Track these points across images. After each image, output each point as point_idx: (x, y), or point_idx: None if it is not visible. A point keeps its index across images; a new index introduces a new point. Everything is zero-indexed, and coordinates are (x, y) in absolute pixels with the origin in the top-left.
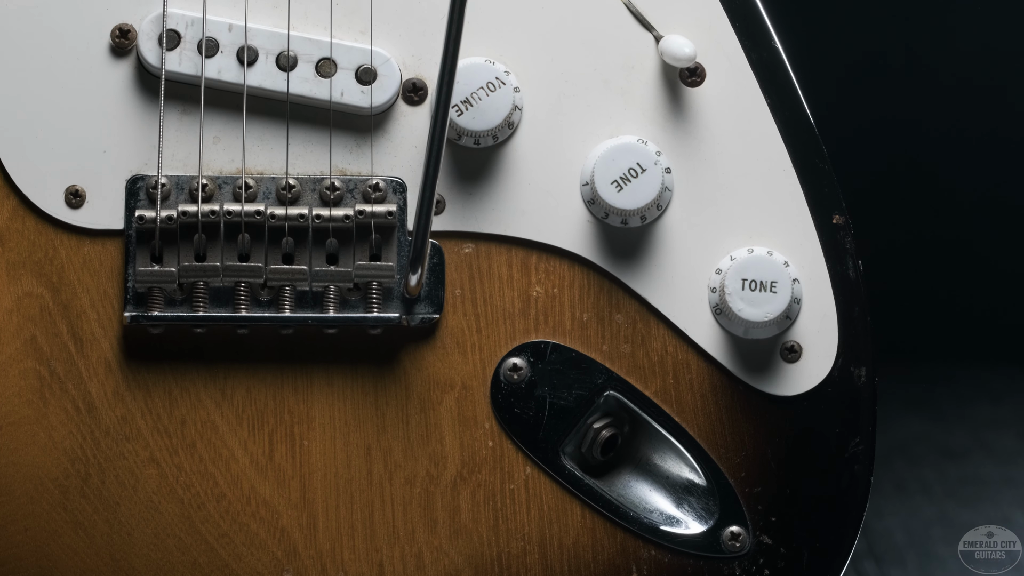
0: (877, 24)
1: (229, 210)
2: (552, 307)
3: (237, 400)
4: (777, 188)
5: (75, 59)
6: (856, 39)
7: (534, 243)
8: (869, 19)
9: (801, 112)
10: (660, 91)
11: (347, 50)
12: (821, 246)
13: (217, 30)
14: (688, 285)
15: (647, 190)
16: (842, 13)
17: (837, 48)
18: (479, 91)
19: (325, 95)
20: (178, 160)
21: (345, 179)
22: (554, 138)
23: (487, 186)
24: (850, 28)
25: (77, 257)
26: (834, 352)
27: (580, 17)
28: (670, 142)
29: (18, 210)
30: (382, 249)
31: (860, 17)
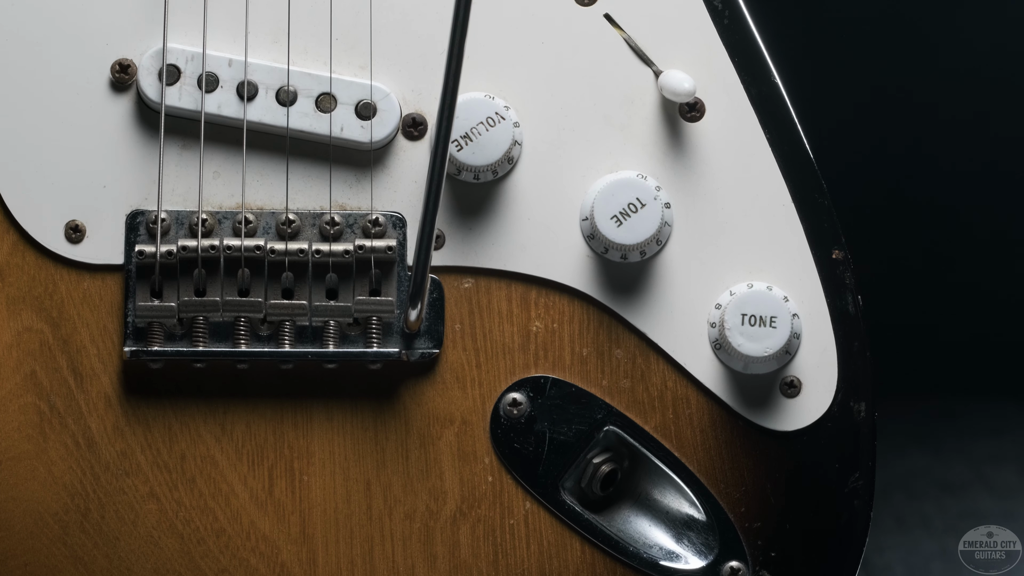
0: (876, 58)
1: (229, 245)
2: (552, 342)
3: (237, 435)
4: (777, 223)
5: (75, 94)
6: (854, 73)
7: (534, 278)
8: (867, 53)
9: (800, 147)
10: (660, 126)
11: (347, 85)
12: (821, 281)
13: (217, 65)
14: (688, 320)
15: (647, 225)
16: (841, 47)
17: (836, 82)
18: (479, 126)
19: (325, 130)
20: (178, 195)
21: (345, 214)
22: (554, 173)
23: (487, 221)
24: (848, 63)
25: (77, 292)
26: (834, 387)
27: (580, 52)
28: (670, 177)
29: (18, 245)
30: (382, 284)
31: (859, 52)
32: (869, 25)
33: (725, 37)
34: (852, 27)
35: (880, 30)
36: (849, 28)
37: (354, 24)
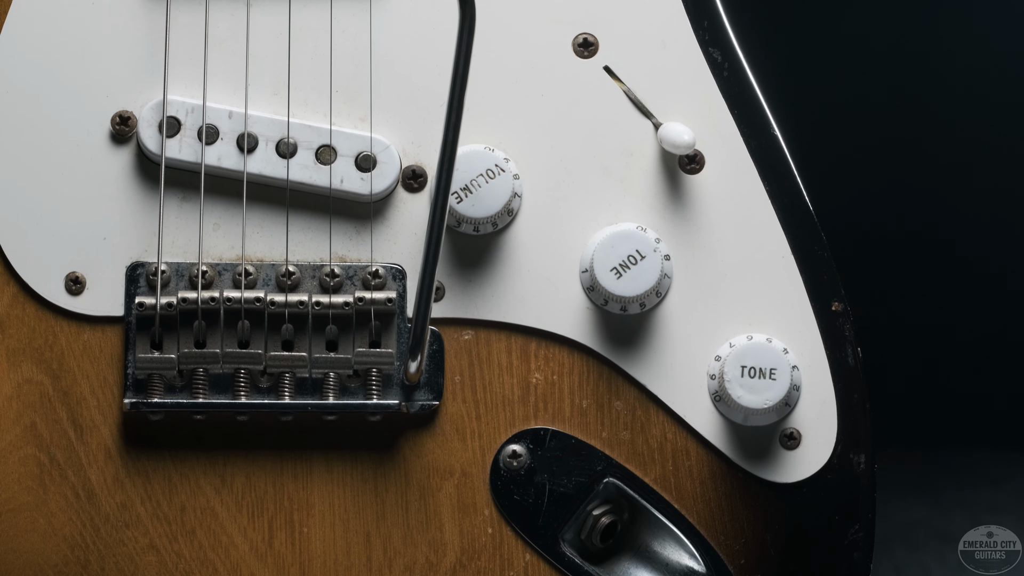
0: (873, 103)
1: (229, 297)
2: (552, 394)
3: (237, 487)
4: (776, 275)
5: (75, 146)
6: (851, 118)
7: (534, 330)
8: (864, 97)
9: (800, 199)
10: (659, 178)
11: (347, 137)
12: (820, 333)
13: (217, 117)
14: (687, 372)
15: (646, 277)
16: (837, 91)
17: (833, 124)
18: (479, 178)
19: (325, 182)
20: (178, 247)
21: (345, 266)
22: (553, 225)
23: (487, 273)
24: (844, 106)
25: (77, 343)
26: (833, 439)
27: (579, 104)
28: (669, 229)
29: (18, 296)
30: (382, 336)
31: (855, 96)
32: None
33: (724, 89)
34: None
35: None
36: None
37: (354, 76)
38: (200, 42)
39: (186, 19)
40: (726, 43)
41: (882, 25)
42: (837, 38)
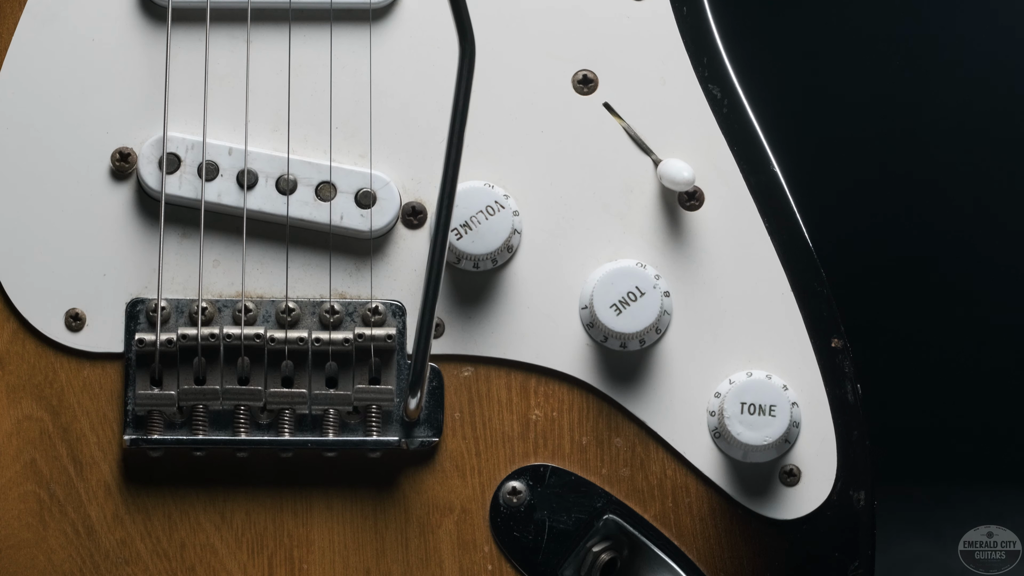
0: (874, 138)
1: (229, 333)
2: (551, 430)
3: (236, 523)
4: (776, 312)
5: (75, 182)
6: (852, 152)
7: (533, 366)
8: (865, 132)
9: (799, 235)
10: (659, 215)
11: (347, 174)
12: (820, 370)
13: (217, 154)
14: (687, 408)
15: (646, 314)
16: (837, 126)
17: (833, 159)
18: (478, 215)
19: (325, 219)
20: (178, 283)
21: (345, 302)
22: (553, 261)
23: (486, 309)
24: (845, 141)
25: (77, 380)
26: (833, 475)
27: (579, 141)
28: (669, 266)
29: (18, 333)
30: (381, 372)
31: (855, 130)
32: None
33: (724, 126)
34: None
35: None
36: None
37: (354, 113)
38: (200, 78)
39: (186, 56)
40: (725, 80)
41: (884, 62)
42: (836, 74)
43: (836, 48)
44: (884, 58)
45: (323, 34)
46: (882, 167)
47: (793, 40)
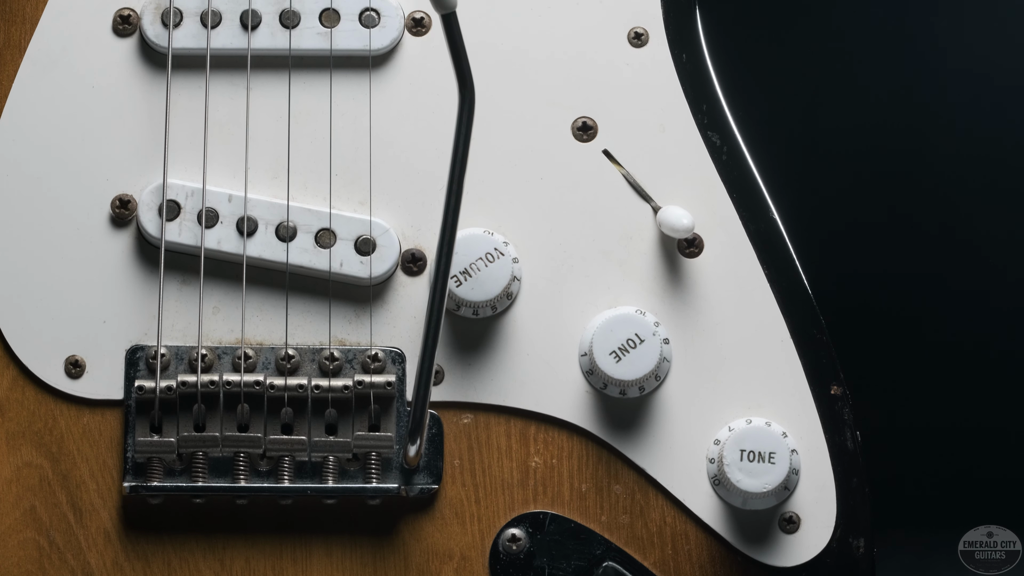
0: (873, 183)
1: (228, 380)
2: (551, 477)
3: (236, 570)
4: (775, 359)
5: (75, 229)
6: (851, 197)
7: (533, 413)
8: (864, 177)
9: (799, 283)
10: (658, 261)
11: (346, 221)
12: (819, 417)
13: (217, 200)
14: (686, 456)
15: (646, 361)
16: (837, 172)
17: (833, 205)
18: (478, 262)
19: (324, 266)
20: (178, 330)
21: (344, 349)
22: (553, 308)
23: (486, 356)
24: (845, 186)
25: (77, 427)
26: (832, 523)
27: (579, 188)
28: (668, 313)
29: (18, 380)
30: (381, 419)
31: (855, 176)
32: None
33: (723, 173)
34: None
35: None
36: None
37: (353, 160)
38: (200, 125)
39: (186, 103)
40: (725, 127)
41: (884, 109)
42: (836, 121)
43: (836, 94)
44: (884, 104)
45: (323, 81)
46: (883, 212)
47: (793, 87)
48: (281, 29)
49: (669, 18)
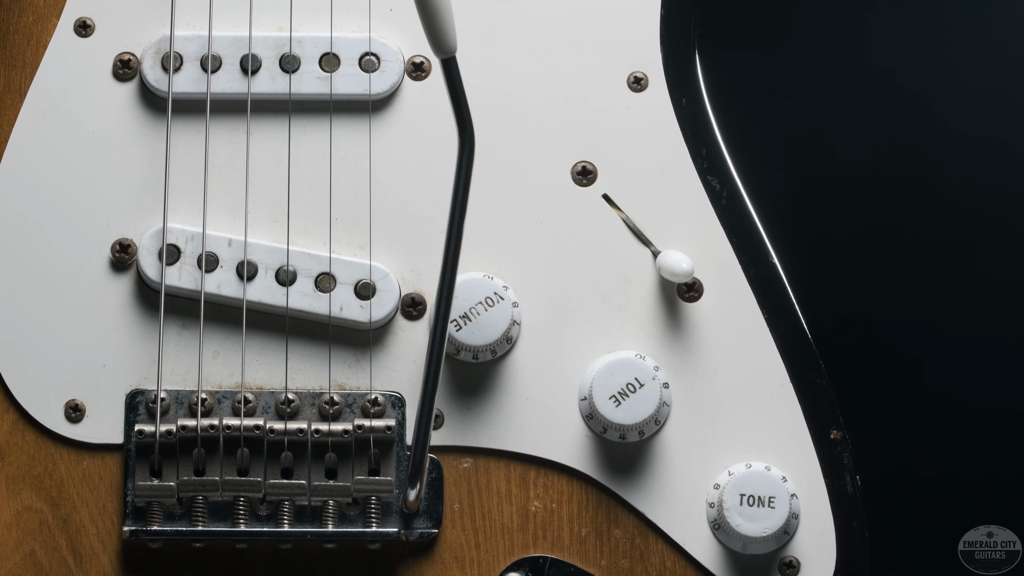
0: (866, 229)
1: (228, 425)
2: (551, 522)
3: None
4: (775, 403)
5: (75, 273)
6: (851, 243)
7: (533, 458)
8: (863, 223)
9: (798, 327)
10: (658, 306)
11: (346, 265)
12: (819, 461)
13: (217, 245)
14: (686, 500)
15: (645, 405)
16: (836, 218)
17: (832, 251)
18: (478, 306)
19: (324, 310)
20: (177, 374)
21: (344, 393)
22: (552, 352)
23: (486, 400)
24: (844, 233)
25: (76, 471)
26: (832, 567)
27: (578, 232)
28: (668, 357)
29: (18, 424)
30: (381, 463)
31: (854, 222)
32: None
33: (723, 217)
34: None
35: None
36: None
37: (353, 204)
38: (200, 170)
39: (186, 147)
40: (724, 171)
41: (884, 153)
42: (837, 165)
43: (836, 140)
44: (885, 151)
45: (323, 125)
46: (884, 257)
47: (793, 131)
48: (281, 73)
49: (669, 63)
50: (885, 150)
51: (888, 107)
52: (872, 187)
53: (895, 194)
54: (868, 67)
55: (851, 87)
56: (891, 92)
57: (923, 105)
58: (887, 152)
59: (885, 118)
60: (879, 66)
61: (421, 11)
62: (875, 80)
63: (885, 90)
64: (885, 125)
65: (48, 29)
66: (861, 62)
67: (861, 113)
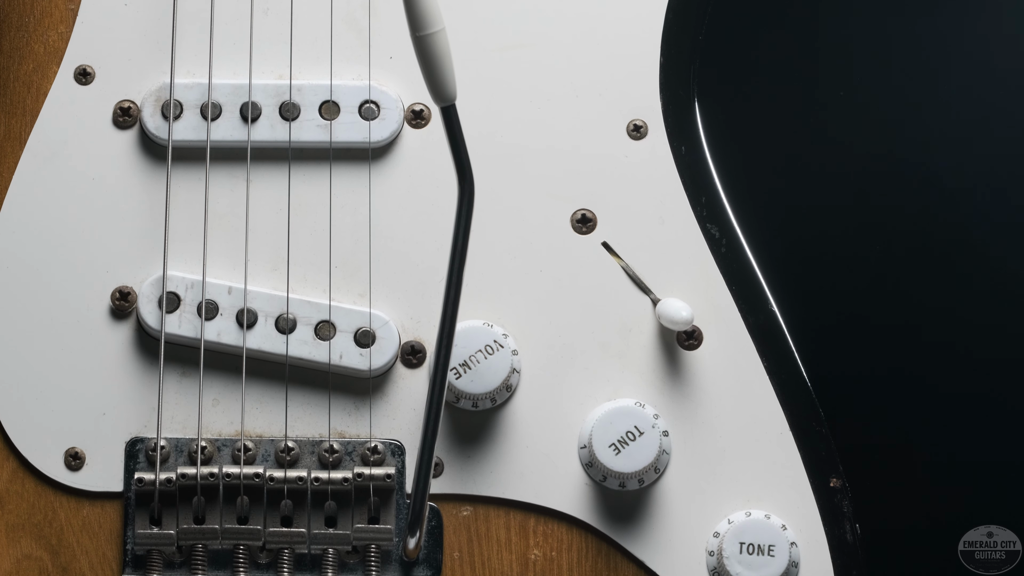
0: (866, 279)
1: (228, 473)
2: (550, 570)
3: None
4: (774, 451)
5: (75, 320)
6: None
7: (532, 506)
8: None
9: (798, 375)
10: (658, 354)
11: (346, 313)
12: (819, 509)
13: (217, 293)
14: (686, 548)
15: (645, 453)
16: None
17: (831, 297)
18: (477, 354)
19: (324, 358)
20: (177, 422)
21: (344, 441)
22: (552, 400)
23: (486, 448)
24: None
25: (76, 519)
26: None
27: (577, 280)
28: (668, 405)
29: (18, 472)
30: (380, 512)
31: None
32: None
33: (722, 265)
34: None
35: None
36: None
37: (353, 252)
38: (200, 217)
39: (186, 194)
40: (724, 219)
41: (883, 201)
42: (837, 213)
43: (837, 188)
44: (886, 197)
45: (323, 173)
46: (885, 306)
47: (793, 180)
48: (281, 121)
49: (668, 111)
50: (887, 199)
51: (890, 155)
52: (873, 236)
53: (896, 244)
54: (868, 115)
55: (851, 135)
56: (892, 140)
57: (927, 152)
58: (889, 201)
59: (887, 167)
60: (879, 115)
61: (421, 59)
62: (876, 128)
63: (886, 138)
64: (887, 174)
65: (48, 77)
66: (861, 110)
67: (862, 162)
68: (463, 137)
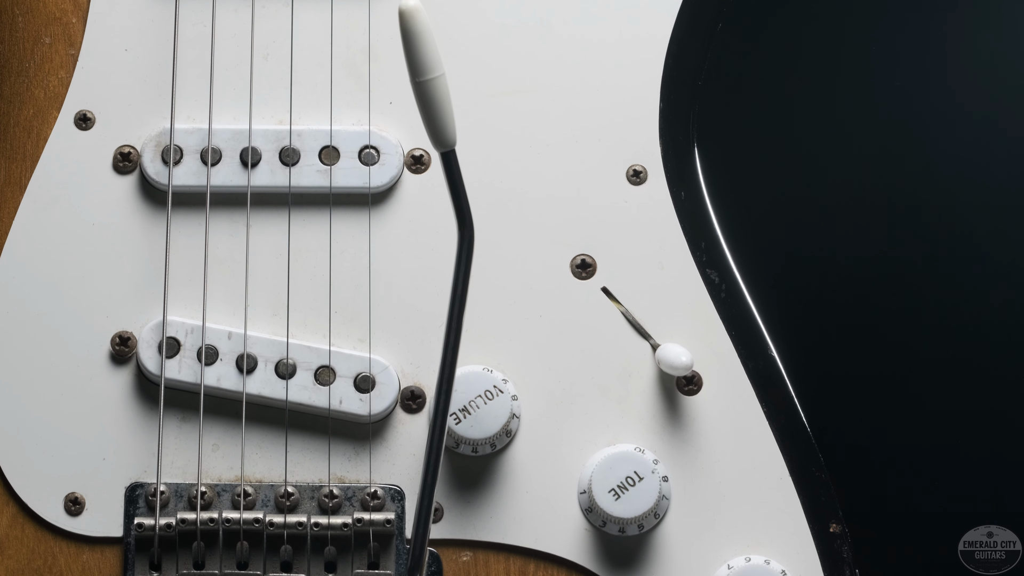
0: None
1: (228, 518)
2: None
3: None
4: (774, 496)
5: (75, 366)
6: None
7: (532, 551)
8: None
9: (798, 420)
10: (657, 399)
11: (346, 358)
12: (818, 555)
13: (216, 338)
14: None
15: (645, 498)
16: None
17: (830, 343)
18: (477, 399)
19: (324, 403)
20: (177, 467)
21: (344, 487)
22: (552, 446)
23: (485, 494)
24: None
25: (76, 564)
26: None
27: (577, 325)
28: (668, 450)
29: (17, 517)
30: (380, 557)
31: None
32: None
33: (722, 311)
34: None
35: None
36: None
37: (353, 297)
38: (200, 262)
39: (186, 239)
40: (723, 264)
41: (884, 246)
42: (837, 261)
43: (838, 230)
44: (888, 241)
45: (322, 218)
46: (883, 350)
47: (792, 225)
48: (281, 166)
49: (668, 156)
50: (888, 243)
51: (890, 198)
52: (874, 280)
53: (897, 288)
54: (868, 160)
55: (852, 179)
56: (893, 183)
57: (929, 198)
58: (890, 245)
59: (887, 212)
60: (879, 160)
61: (421, 104)
62: (878, 172)
63: (887, 181)
64: (888, 218)
65: (48, 122)
66: (860, 155)
67: (863, 205)
68: (463, 182)
